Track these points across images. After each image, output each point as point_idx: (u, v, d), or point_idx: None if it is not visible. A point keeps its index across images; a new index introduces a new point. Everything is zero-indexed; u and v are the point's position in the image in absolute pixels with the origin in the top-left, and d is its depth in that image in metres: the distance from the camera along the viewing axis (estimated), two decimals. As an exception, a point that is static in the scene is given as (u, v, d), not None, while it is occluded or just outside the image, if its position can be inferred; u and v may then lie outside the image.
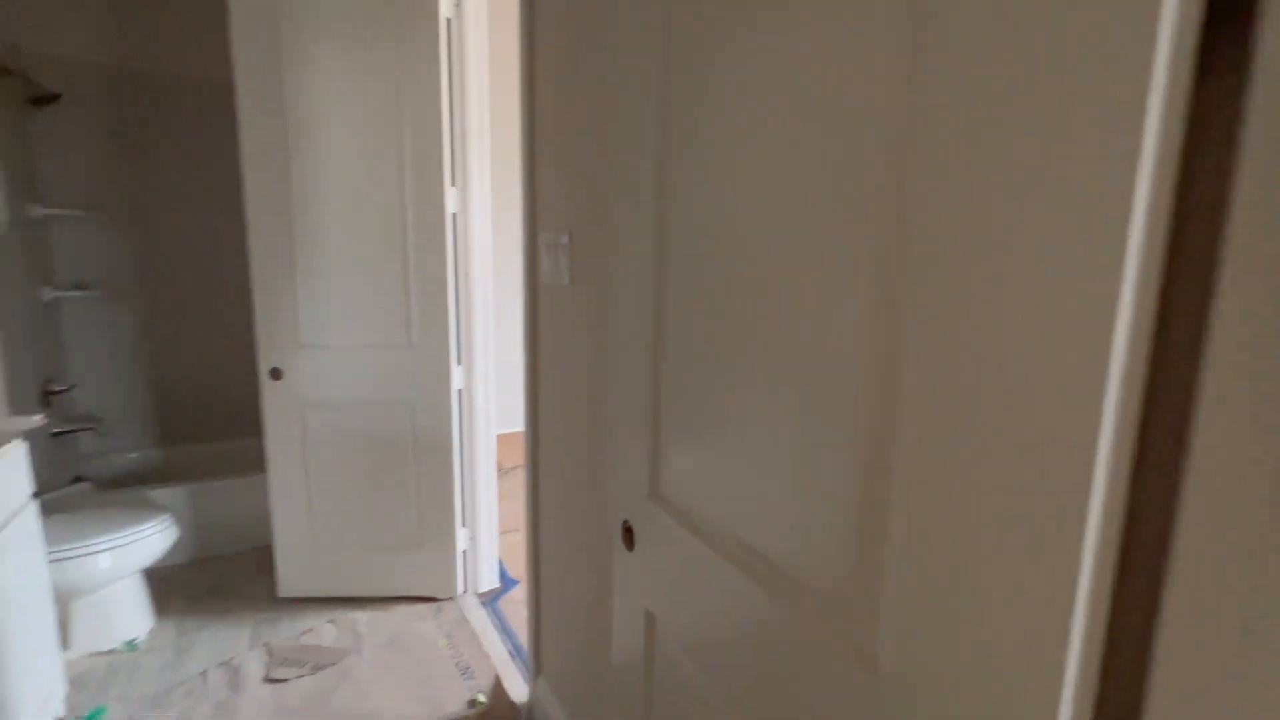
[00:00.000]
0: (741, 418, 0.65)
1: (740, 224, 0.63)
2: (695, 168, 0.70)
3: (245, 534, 2.57)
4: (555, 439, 1.44)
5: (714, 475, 0.71)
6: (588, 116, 1.16)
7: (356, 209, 2.01)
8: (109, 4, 2.60)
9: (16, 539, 1.41)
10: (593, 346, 1.22)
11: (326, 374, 2.09)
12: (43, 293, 2.51)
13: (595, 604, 1.31)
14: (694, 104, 0.69)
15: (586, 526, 1.32)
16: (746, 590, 0.65)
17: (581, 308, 1.25)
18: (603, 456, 1.22)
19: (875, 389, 0.49)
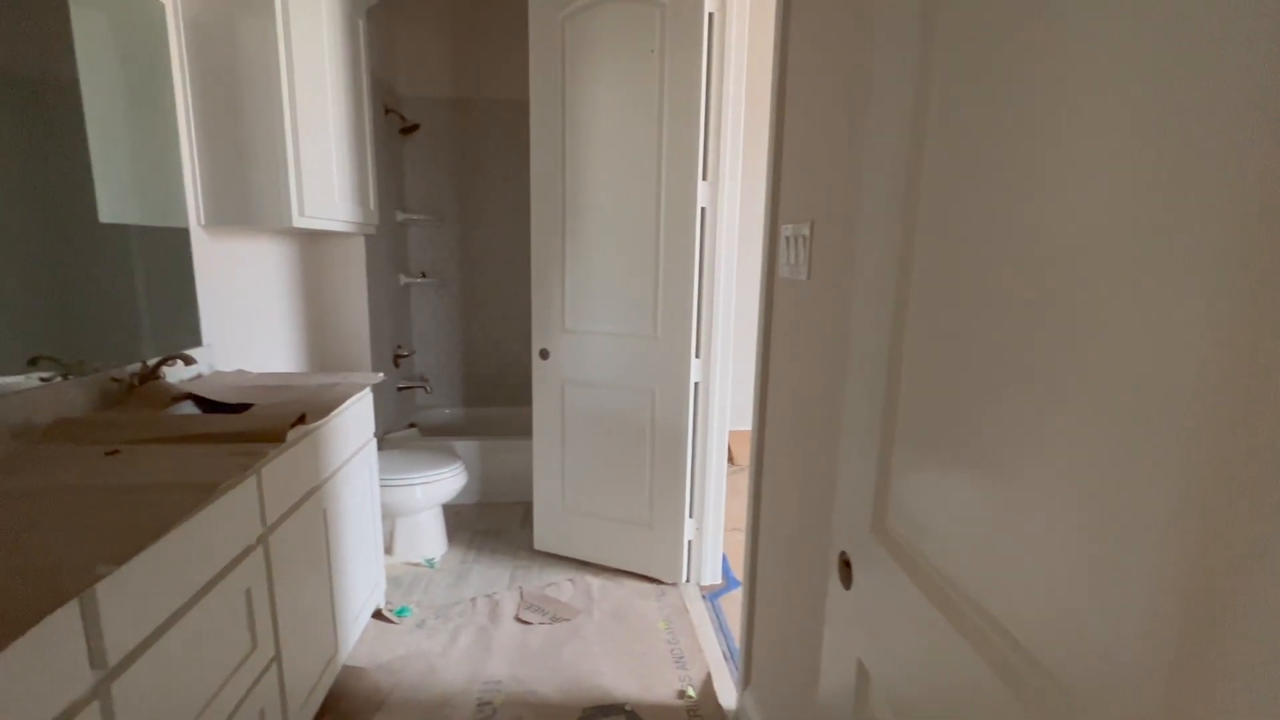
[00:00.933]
0: (1007, 450, 0.49)
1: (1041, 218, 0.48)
2: (966, 156, 0.55)
3: (515, 488, 3.00)
4: (781, 443, 1.35)
5: (956, 520, 0.56)
6: (839, 99, 1.04)
7: (616, 206, 2.16)
8: (453, 51, 3.24)
9: (360, 466, 1.85)
10: (827, 348, 1.10)
11: (584, 357, 2.30)
12: (399, 279, 3.26)
13: (808, 628, 1.20)
14: (972, 82, 0.55)
15: (805, 542, 1.21)
16: (984, 680, 0.50)
17: (818, 305, 1.13)
18: (827, 471, 1.09)
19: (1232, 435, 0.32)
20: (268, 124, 1.82)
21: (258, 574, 1.23)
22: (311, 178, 1.94)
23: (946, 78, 0.58)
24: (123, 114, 1.56)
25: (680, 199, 2.06)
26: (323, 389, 1.72)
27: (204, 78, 1.79)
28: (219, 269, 1.93)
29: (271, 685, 1.29)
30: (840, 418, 1.04)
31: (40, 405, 1.30)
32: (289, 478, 1.38)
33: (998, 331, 0.50)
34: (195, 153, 1.82)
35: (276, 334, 2.28)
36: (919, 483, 0.63)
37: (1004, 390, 0.49)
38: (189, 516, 0.98)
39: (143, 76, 1.63)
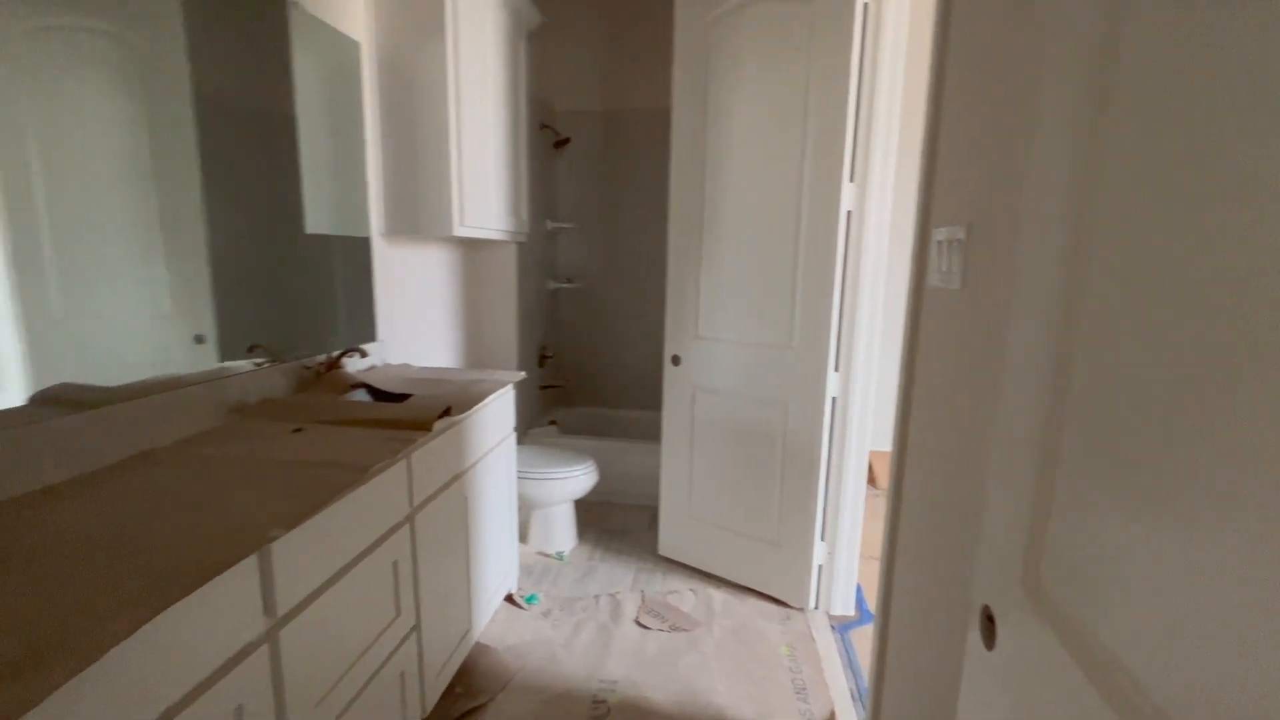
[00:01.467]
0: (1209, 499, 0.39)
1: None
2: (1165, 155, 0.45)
3: (644, 491, 3.04)
4: (923, 469, 1.21)
5: (1134, 583, 0.45)
6: (1003, 92, 0.91)
7: (754, 210, 2.10)
8: (605, 65, 3.38)
9: (500, 458, 1.98)
10: (977, 367, 0.96)
11: (716, 364, 2.27)
12: (547, 284, 3.46)
13: (943, 680, 1.06)
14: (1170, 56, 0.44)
15: (944, 584, 1.07)
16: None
17: (970, 317, 1.00)
18: (971, 507, 0.96)
19: None
20: (436, 144, 2.02)
21: (404, 549, 1.36)
22: (471, 191, 2.12)
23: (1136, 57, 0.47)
24: (325, 139, 1.82)
25: (823, 202, 1.95)
26: (471, 384, 1.86)
27: (387, 105, 2.03)
28: (392, 273, 2.18)
29: (411, 651, 1.41)
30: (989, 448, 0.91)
31: (253, 386, 1.55)
32: (435, 464, 1.51)
33: (1202, 358, 0.39)
34: (378, 170, 2.07)
35: (436, 332, 2.52)
36: (1084, 532, 0.52)
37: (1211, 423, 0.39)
38: (346, 493, 1.11)
39: (341, 107, 1.89)
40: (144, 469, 1.12)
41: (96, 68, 1.18)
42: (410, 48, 1.98)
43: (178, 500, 0.99)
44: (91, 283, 1.18)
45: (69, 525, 0.89)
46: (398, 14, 1.97)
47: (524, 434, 3.09)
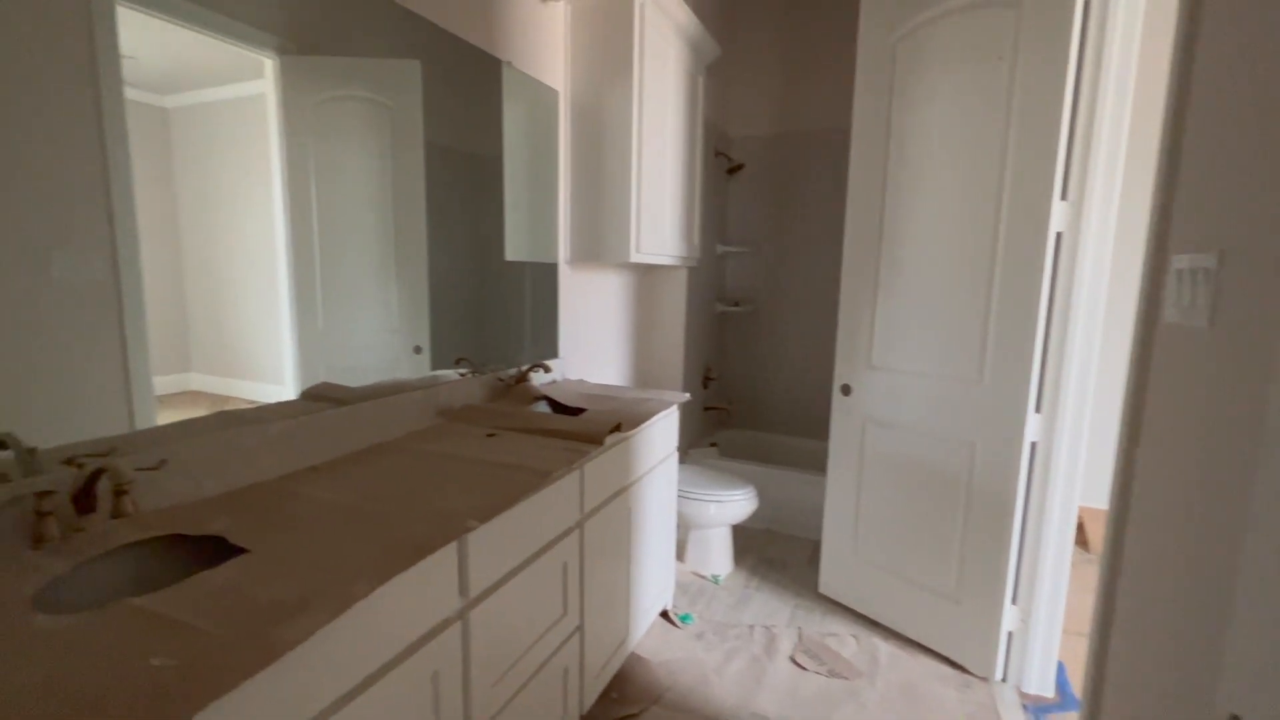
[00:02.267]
0: None
1: None
2: None
3: (805, 523, 2.92)
4: (1150, 534, 1.02)
5: None
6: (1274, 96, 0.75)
7: (942, 231, 1.95)
8: (779, 89, 3.37)
9: (662, 475, 2.04)
10: (1233, 421, 0.80)
11: (890, 396, 2.13)
12: (715, 307, 3.51)
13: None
14: None
15: (1173, 680, 0.89)
16: None
17: (1221, 361, 0.84)
18: (1215, 592, 0.79)
19: None
20: (619, 178, 2.17)
21: (573, 552, 1.46)
22: (648, 221, 2.25)
23: None
24: (525, 176, 2.06)
25: (1027, 222, 1.75)
26: (638, 402, 1.96)
27: (578, 144, 2.24)
28: (573, 296, 2.38)
29: (574, 650, 1.51)
30: (1244, 523, 0.74)
31: (457, 393, 1.79)
32: (604, 476, 1.61)
33: None
34: (567, 203, 2.28)
35: (608, 351, 2.69)
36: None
37: None
38: (530, 494, 1.23)
39: (540, 148, 2.13)
40: (378, 458, 1.35)
41: (359, 126, 1.48)
42: (600, 91, 2.17)
43: (400, 487, 1.18)
44: (345, 300, 1.47)
45: (326, 498, 1.11)
46: (591, 62, 2.17)
47: (685, 454, 3.15)
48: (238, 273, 1.29)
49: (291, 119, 1.31)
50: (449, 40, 1.70)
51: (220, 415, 1.21)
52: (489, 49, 1.85)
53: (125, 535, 0.92)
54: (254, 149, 1.29)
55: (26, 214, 0.90)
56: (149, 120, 1.08)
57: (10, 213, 0.88)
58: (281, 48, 1.27)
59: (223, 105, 1.23)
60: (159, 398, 1.10)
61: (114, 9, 0.99)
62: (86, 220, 0.97)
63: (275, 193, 1.31)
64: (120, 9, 0.99)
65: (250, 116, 1.27)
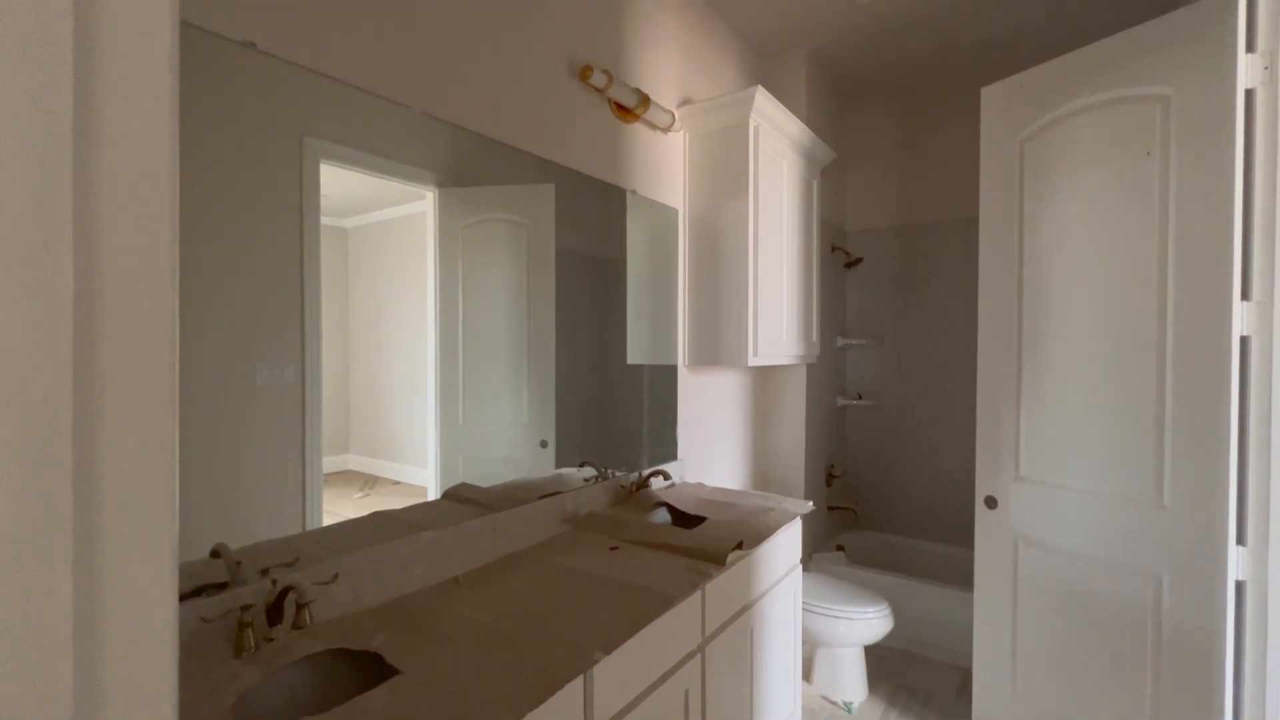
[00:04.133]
0: None
1: None
2: None
3: (951, 645, 2.61)
4: None
5: None
6: None
7: (1094, 333, 1.79)
8: (898, 183, 3.35)
9: (786, 589, 1.94)
10: None
11: (1044, 513, 1.91)
12: (836, 400, 3.40)
13: None
14: None
15: None
16: None
17: None
18: None
19: None
20: (735, 285, 2.24)
21: (694, 679, 1.42)
22: (765, 325, 2.27)
23: None
24: (647, 286, 2.18)
25: (1201, 325, 1.56)
26: (760, 512, 1.91)
27: (695, 254, 2.35)
28: (691, 398, 2.42)
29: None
30: None
31: (583, 499, 1.86)
32: (725, 596, 1.57)
33: None
34: (685, 309, 2.37)
35: (727, 452, 2.67)
36: None
37: None
38: (654, 620, 1.23)
39: (660, 260, 2.26)
40: (513, 571, 1.43)
41: (499, 242, 1.67)
42: (718, 205, 2.29)
43: (533, 605, 1.23)
44: (482, 397, 1.62)
45: (467, 615, 1.18)
46: (709, 181, 2.32)
47: (809, 559, 2.98)
48: (395, 370, 1.49)
49: (445, 239, 1.52)
50: (579, 174, 1.90)
51: (376, 515, 1.34)
52: (615, 181, 2.04)
53: (304, 647, 1.04)
54: (413, 262, 1.51)
55: (243, 332, 1.11)
56: (332, 239, 1.31)
57: (230, 331, 1.09)
58: (439, 181, 1.50)
59: (391, 223, 1.47)
60: (325, 476, 1.26)
61: (318, 165, 1.23)
62: (286, 334, 1.17)
63: (429, 301, 1.51)
64: (323, 164, 1.24)
65: (412, 233, 1.50)
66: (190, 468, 1.03)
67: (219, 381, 1.08)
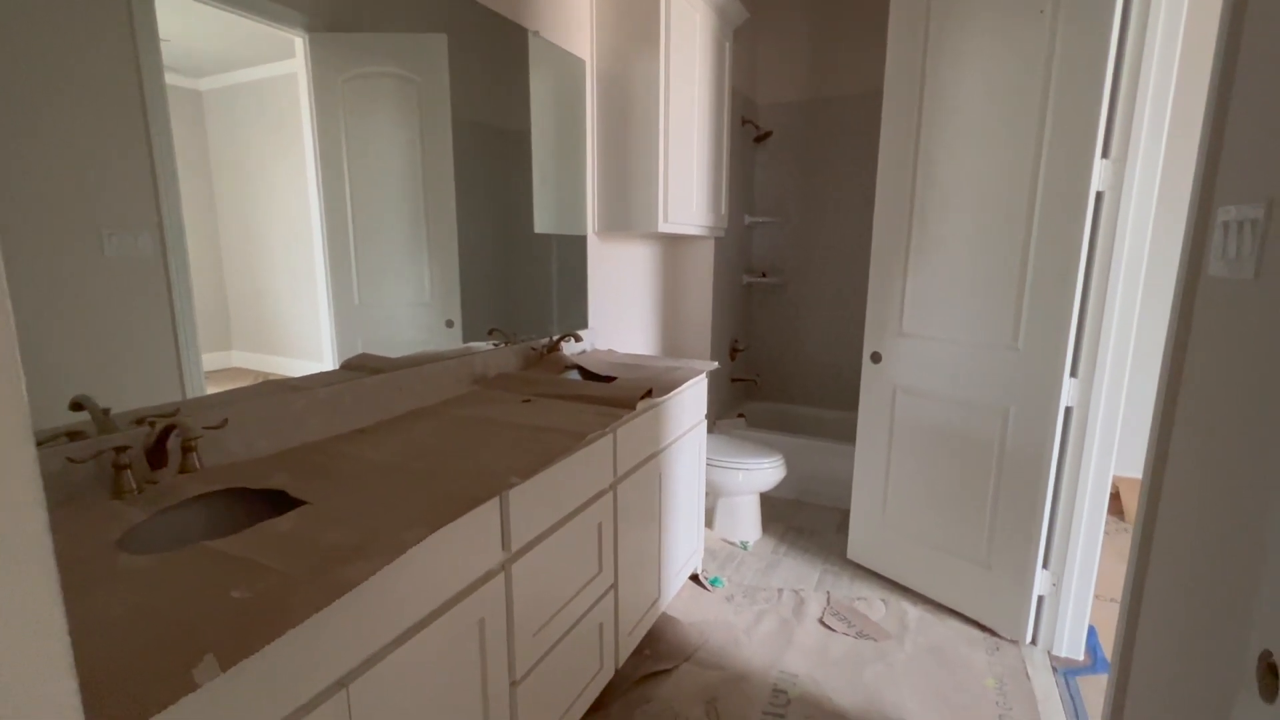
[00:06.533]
0: None
1: None
2: None
3: (833, 492, 2.94)
4: (1189, 496, 1.02)
5: None
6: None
7: (974, 196, 1.91)
8: (808, 55, 3.29)
9: (691, 443, 2.07)
10: (1275, 373, 0.79)
11: (921, 363, 2.12)
12: (742, 278, 3.50)
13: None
14: None
15: (1205, 631, 0.90)
16: None
17: (1266, 314, 0.82)
18: (1248, 543, 0.79)
19: None
20: (646, 147, 2.17)
21: (607, 513, 1.51)
22: (675, 190, 2.24)
23: None
24: (553, 149, 2.07)
25: (1065, 182, 1.70)
26: (668, 371, 1.98)
27: (605, 114, 2.24)
28: (602, 267, 2.40)
29: (609, 607, 1.57)
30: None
31: (490, 362, 1.84)
32: (636, 441, 1.64)
33: None
34: (594, 174, 2.29)
35: (636, 321, 2.71)
36: None
37: None
38: (568, 454, 1.27)
39: (567, 119, 2.13)
40: (419, 422, 1.41)
41: (387, 103, 1.50)
42: (627, 59, 2.16)
43: (443, 447, 1.23)
44: (379, 276, 1.51)
45: (374, 458, 1.17)
46: (618, 29, 2.16)
47: (713, 424, 3.17)
48: (275, 252, 1.33)
49: (322, 98, 1.34)
50: (475, 11, 1.71)
51: (268, 383, 1.27)
52: (515, 17, 1.85)
53: (194, 488, 0.99)
54: (286, 129, 1.32)
55: (83, 197, 0.95)
56: (185, 103, 1.11)
57: (64, 196, 0.93)
58: (309, 24, 1.30)
59: (255, 86, 1.26)
60: (207, 374, 1.15)
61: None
62: (135, 202, 1.02)
63: (309, 172, 1.34)
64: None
65: (282, 96, 1.30)
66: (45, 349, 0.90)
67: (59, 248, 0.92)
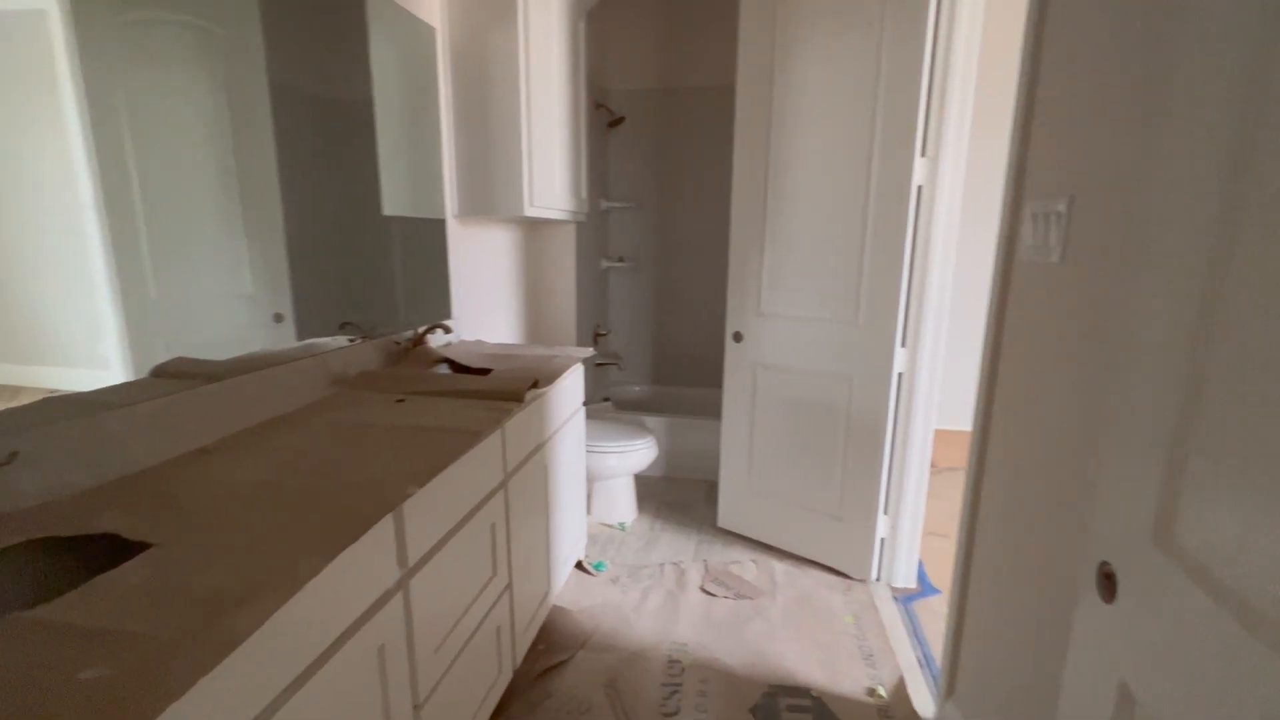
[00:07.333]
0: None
1: None
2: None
3: (700, 465, 3.10)
4: (1010, 443, 1.23)
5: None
6: (1121, 55, 0.91)
7: (820, 187, 2.11)
8: (661, 43, 3.37)
9: (571, 431, 2.05)
10: (1082, 338, 0.98)
11: (778, 341, 2.30)
12: (600, 263, 3.51)
13: (1034, 643, 1.09)
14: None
15: (1036, 551, 1.10)
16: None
17: (1073, 290, 1.01)
18: (1070, 476, 0.98)
19: None
20: (508, 126, 2.07)
21: (499, 512, 1.44)
22: (540, 172, 2.17)
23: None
24: (402, 123, 1.89)
25: (893, 177, 1.94)
26: (546, 360, 1.94)
27: (461, 89, 2.09)
28: (464, 254, 2.26)
29: (505, 608, 1.51)
30: (1096, 418, 0.93)
31: (350, 360, 1.65)
32: (523, 433, 1.59)
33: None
34: (452, 153, 2.13)
35: (501, 310, 2.61)
36: (1234, 493, 0.54)
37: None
38: (464, 453, 1.19)
39: (417, 92, 1.95)
40: (281, 432, 1.22)
41: (182, 58, 1.24)
42: (483, 31, 2.03)
43: (319, 459, 1.08)
44: (181, 264, 1.23)
45: (234, 479, 0.99)
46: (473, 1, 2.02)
47: (581, 410, 3.17)
48: (26, 234, 1.03)
49: (90, 46, 1.06)
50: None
51: (53, 401, 0.98)
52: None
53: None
54: (35, 81, 1.03)
55: None
56: None
57: None
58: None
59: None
60: None
61: None
62: None
63: (72, 136, 1.06)
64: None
65: (28, 39, 1.02)
66: None
67: None
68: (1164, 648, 0.61)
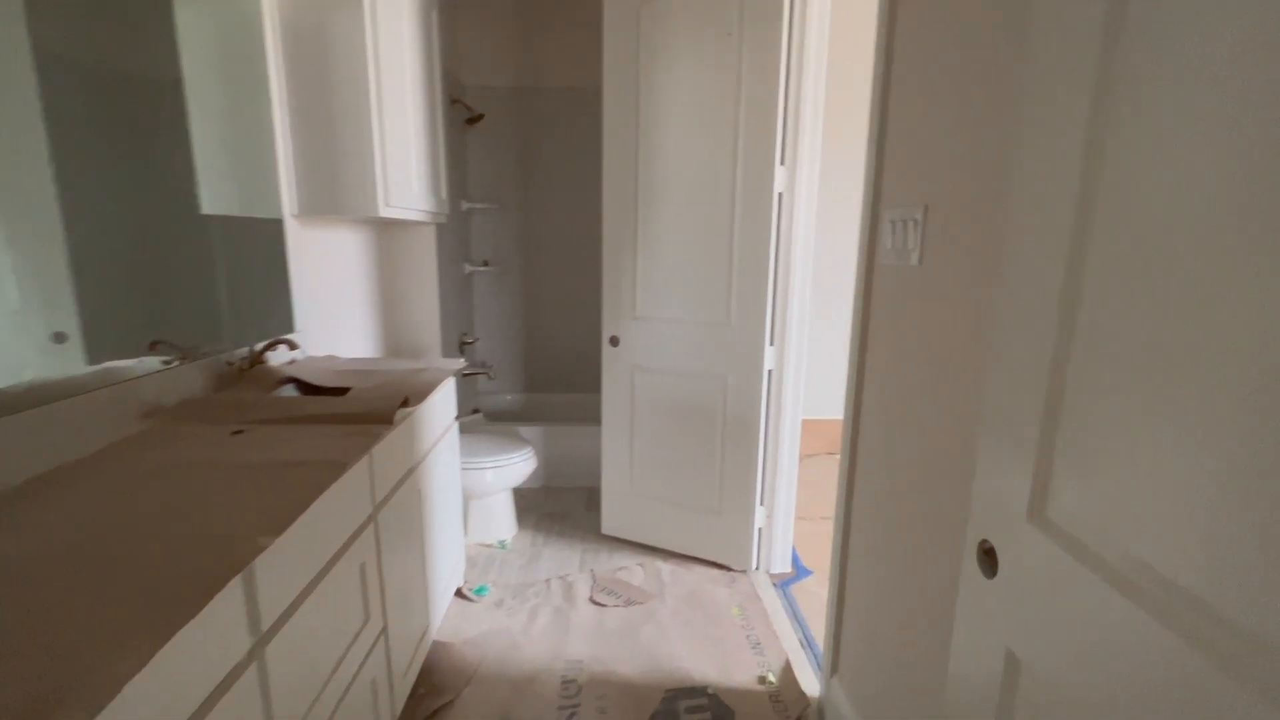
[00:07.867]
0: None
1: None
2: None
3: (582, 472, 3.04)
4: (880, 431, 1.33)
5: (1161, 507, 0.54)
6: (968, 73, 1.01)
7: (690, 193, 2.15)
8: (517, 40, 3.26)
9: (446, 448, 1.90)
10: (943, 333, 1.07)
11: (654, 344, 2.31)
12: (464, 267, 3.33)
13: (913, 617, 1.18)
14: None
15: (912, 531, 1.19)
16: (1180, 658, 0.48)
17: (932, 289, 1.11)
18: (942, 460, 1.07)
19: None
20: (355, 117, 1.87)
21: (370, 549, 1.28)
22: (395, 169, 1.99)
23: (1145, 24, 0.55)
24: (222, 111, 1.62)
25: (756, 184, 2.03)
26: (413, 374, 1.77)
27: (296, 73, 1.85)
28: (308, 259, 2.00)
29: (380, 657, 1.35)
30: (960, 406, 1.02)
31: (166, 387, 1.38)
32: (393, 458, 1.43)
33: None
34: (289, 146, 1.88)
35: (354, 320, 2.36)
36: (1096, 470, 0.61)
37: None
38: (325, 491, 1.03)
39: (240, 73, 1.69)
40: (76, 483, 0.97)
41: None
42: (323, 9, 1.81)
43: (132, 515, 0.87)
44: None
45: (20, 548, 0.76)
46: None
47: (450, 424, 2.97)
48: None
49: None
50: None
51: None
52: (155, -75, 1.37)
53: None
54: None
55: None
56: None
57: None
58: None
59: None
60: None
61: None
62: None
63: None
64: None
65: None
66: None
67: None
68: (1044, 615, 0.67)
